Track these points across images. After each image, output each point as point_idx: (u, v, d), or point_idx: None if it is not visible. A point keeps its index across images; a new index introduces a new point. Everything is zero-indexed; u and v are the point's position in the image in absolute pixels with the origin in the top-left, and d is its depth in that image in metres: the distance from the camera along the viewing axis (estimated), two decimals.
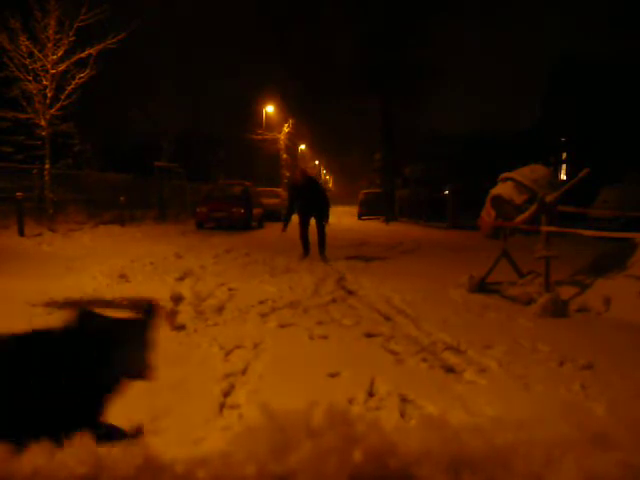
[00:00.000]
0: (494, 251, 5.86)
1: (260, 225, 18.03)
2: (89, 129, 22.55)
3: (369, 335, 3.84)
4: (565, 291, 5.01)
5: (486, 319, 4.50)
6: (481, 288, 5.68)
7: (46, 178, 13.02)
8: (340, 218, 21.76)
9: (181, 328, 3.90)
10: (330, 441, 0.64)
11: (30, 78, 12.42)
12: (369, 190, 29.27)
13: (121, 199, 15.40)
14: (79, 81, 12.87)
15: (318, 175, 61.12)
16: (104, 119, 26.35)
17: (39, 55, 12.36)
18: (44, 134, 12.99)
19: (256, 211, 17.71)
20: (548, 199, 4.93)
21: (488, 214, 5.76)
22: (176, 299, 4.74)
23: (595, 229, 6.28)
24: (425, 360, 3.26)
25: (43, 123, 12.83)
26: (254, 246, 10.59)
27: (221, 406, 2.51)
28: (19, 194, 11.03)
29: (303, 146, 49.12)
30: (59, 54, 12.51)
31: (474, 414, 2.39)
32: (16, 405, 1.28)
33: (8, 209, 11.60)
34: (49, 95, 12.65)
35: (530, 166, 5.50)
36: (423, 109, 26.84)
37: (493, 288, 5.68)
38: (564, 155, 27.07)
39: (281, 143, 36.96)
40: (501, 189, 5.55)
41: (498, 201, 5.55)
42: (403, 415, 2.41)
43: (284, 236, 8.73)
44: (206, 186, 21.98)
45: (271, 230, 15.91)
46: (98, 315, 1.43)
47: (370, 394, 2.66)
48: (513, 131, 27.64)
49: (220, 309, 4.66)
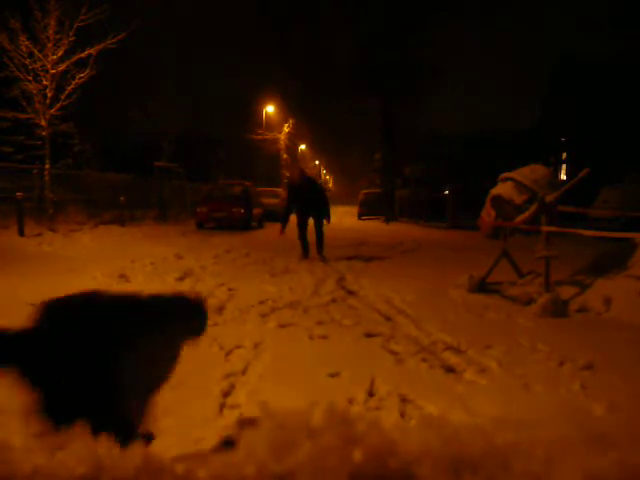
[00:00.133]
0: (494, 251, 5.86)
1: (260, 225, 18.03)
2: (89, 129, 22.56)
3: (369, 335, 3.84)
4: (565, 291, 5.00)
5: (486, 319, 4.50)
6: (481, 288, 5.67)
7: (46, 178, 13.02)
8: (340, 218, 21.74)
9: None
10: (330, 441, 0.64)
11: (30, 78, 12.42)
12: (369, 190, 29.29)
13: (121, 199, 15.39)
14: (79, 81, 12.87)
15: (318, 175, 61.09)
16: (104, 119, 26.35)
17: (39, 55, 12.36)
18: (44, 134, 13.00)
19: (256, 211, 17.71)
20: (548, 199, 4.93)
21: (488, 214, 5.76)
22: None
23: (595, 229, 6.28)
24: (425, 360, 3.26)
25: (43, 123, 12.83)
26: (254, 246, 10.59)
27: (221, 406, 2.51)
28: (19, 194, 11.03)
29: (303, 146, 49.13)
30: (59, 54, 12.51)
31: (474, 414, 2.39)
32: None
33: (8, 209, 11.59)
34: (49, 95, 12.65)
35: (530, 166, 5.49)
36: (423, 109, 26.86)
37: (493, 288, 5.68)
38: (564, 155, 27.09)
39: (281, 143, 36.96)
40: (501, 189, 5.54)
41: (498, 201, 5.55)
42: (403, 415, 2.41)
43: (284, 236, 8.74)
44: (206, 186, 21.99)
45: (271, 230, 15.90)
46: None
47: (370, 394, 2.66)
48: (513, 131, 27.65)
49: (220, 309, 4.65)
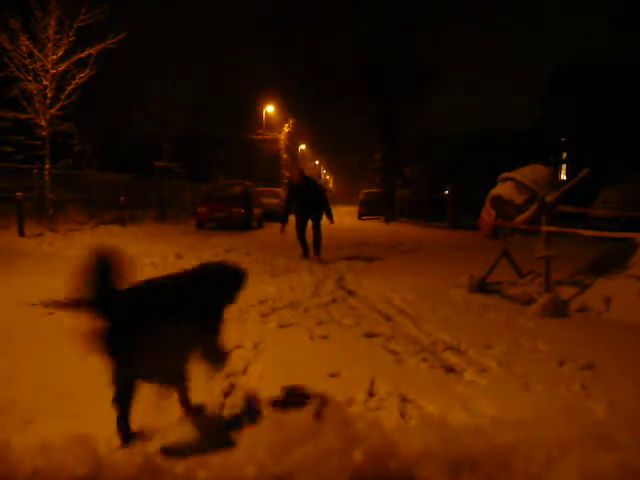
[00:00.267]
0: (494, 251, 5.86)
1: (260, 225, 18.04)
2: (89, 129, 22.59)
3: (369, 335, 3.84)
4: (565, 291, 5.00)
5: (486, 319, 4.50)
6: (481, 288, 5.68)
7: (46, 178, 13.02)
8: (340, 218, 21.72)
9: None
10: (330, 441, 0.64)
11: (30, 78, 12.43)
12: (369, 190, 29.30)
13: (121, 199, 15.39)
14: (79, 81, 12.88)
15: (318, 175, 61.06)
16: (104, 119, 26.38)
17: (39, 55, 12.37)
18: (44, 134, 13.00)
19: (256, 211, 17.72)
20: (548, 199, 4.93)
21: (488, 214, 5.76)
22: None
23: (595, 229, 6.27)
24: (425, 360, 3.26)
25: (43, 123, 12.83)
26: (254, 246, 10.59)
27: (221, 406, 2.51)
28: (19, 194, 11.03)
29: (303, 146, 49.10)
30: (59, 54, 12.52)
31: (474, 414, 2.39)
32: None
33: (8, 209, 11.60)
34: (49, 95, 12.66)
35: (530, 166, 5.49)
36: (423, 109, 26.88)
37: (493, 288, 5.68)
38: (564, 155, 27.08)
39: (281, 143, 36.96)
40: (501, 189, 5.54)
41: (498, 201, 5.54)
42: (403, 415, 2.41)
43: (284, 236, 8.73)
44: (206, 186, 21.99)
45: (271, 230, 15.92)
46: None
47: (370, 394, 2.65)
48: (513, 131, 27.66)
49: None
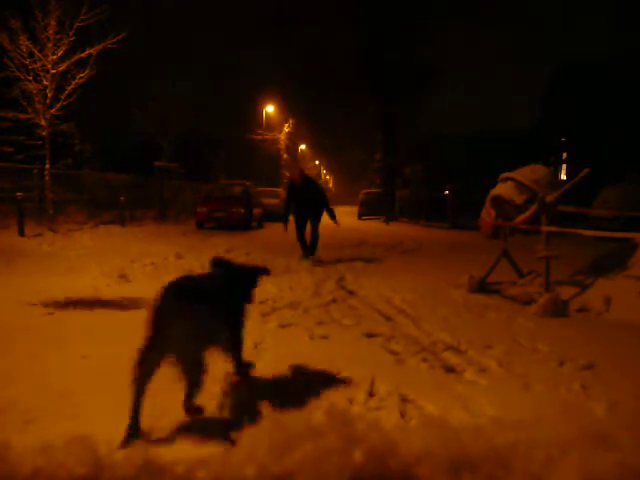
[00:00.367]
0: (494, 251, 5.86)
1: (260, 225, 18.04)
2: (89, 129, 22.60)
3: (369, 335, 3.84)
4: (565, 291, 5.00)
5: (486, 319, 4.49)
6: (481, 288, 5.68)
7: (46, 178, 13.03)
8: (340, 218, 21.49)
9: None
10: (330, 441, 0.64)
11: (30, 78, 12.44)
12: (369, 190, 29.32)
13: (121, 199, 15.40)
14: (79, 81, 12.89)
15: (318, 175, 61.02)
16: (104, 119, 26.38)
17: (39, 55, 12.38)
18: (44, 134, 13.01)
19: (256, 211, 17.72)
20: (548, 199, 4.93)
21: (488, 214, 5.76)
22: None
23: (595, 229, 6.28)
24: (425, 360, 3.26)
25: (43, 123, 12.84)
26: (254, 246, 10.59)
27: (221, 406, 2.51)
28: (19, 194, 11.04)
29: (303, 146, 49.10)
30: (59, 54, 12.53)
31: (474, 414, 2.39)
32: None
33: (8, 209, 11.61)
34: (49, 95, 12.67)
35: (530, 166, 5.49)
36: (423, 109, 26.89)
37: (493, 288, 5.68)
38: (564, 155, 27.08)
39: (281, 143, 36.98)
40: (501, 189, 5.54)
41: (498, 201, 5.54)
42: (403, 415, 2.41)
43: (284, 236, 8.73)
44: (206, 186, 22.00)
45: (271, 230, 15.92)
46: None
47: (370, 394, 2.65)
48: (513, 131, 27.64)
49: None
